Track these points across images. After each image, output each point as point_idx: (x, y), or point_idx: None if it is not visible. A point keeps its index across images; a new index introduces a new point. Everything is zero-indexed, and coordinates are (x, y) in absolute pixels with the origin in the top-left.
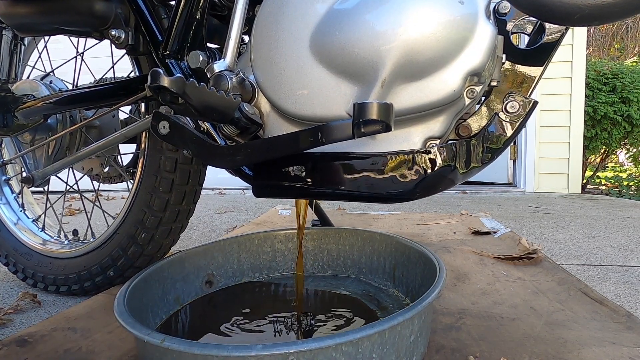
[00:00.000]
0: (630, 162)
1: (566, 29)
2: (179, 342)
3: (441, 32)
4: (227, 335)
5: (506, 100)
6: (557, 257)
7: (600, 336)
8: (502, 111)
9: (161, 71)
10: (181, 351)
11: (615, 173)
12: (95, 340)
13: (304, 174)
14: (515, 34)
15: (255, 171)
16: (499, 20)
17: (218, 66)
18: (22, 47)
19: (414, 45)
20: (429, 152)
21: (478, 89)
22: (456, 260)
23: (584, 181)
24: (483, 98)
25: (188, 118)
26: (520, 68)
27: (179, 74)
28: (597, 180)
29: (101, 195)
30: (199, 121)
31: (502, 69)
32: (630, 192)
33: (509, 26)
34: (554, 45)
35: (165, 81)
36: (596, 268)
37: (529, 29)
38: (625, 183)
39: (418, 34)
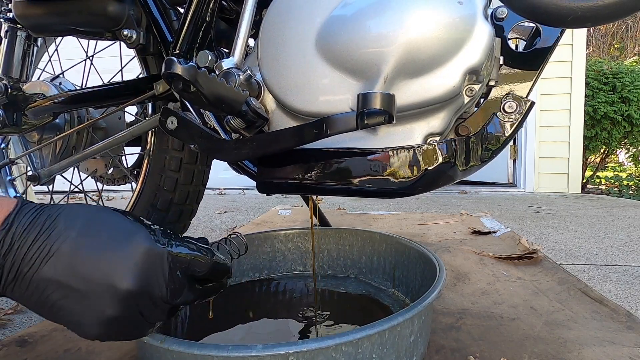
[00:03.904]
0: (630, 162)
1: (561, 34)
2: (178, 343)
3: (441, 31)
4: (227, 335)
5: (504, 100)
6: (557, 257)
7: (600, 336)
8: (500, 111)
9: (175, 59)
10: (181, 351)
11: (615, 173)
12: (95, 341)
13: (307, 169)
14: (513, 39)
15: (259, 167)
16: (496, 25)
17: (226, 64)
18: (35, 48)
19: (415, 43)
20: (430, 148)
21: (477, 87)
22: (456, 260)
23: (584, 181)
24: (482, 99)
25: (195, 114)
26: (518, 70)
27: (191, 63)
28: (597, 180)
29: (102, 196)
30: (205, 118)
31: (499, 71)
32: (630, 192)
33: (506, 31)
34: (549, 49)
35: (179, 69)
36: (596, 268)
37: (526, 34)
38: (625, 183)
39: (419, 33)
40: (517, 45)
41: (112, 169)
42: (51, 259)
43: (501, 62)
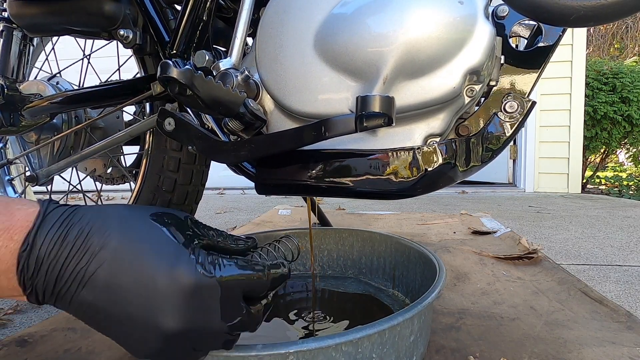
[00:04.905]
0: (630, 162)
1: (563, 33)
2: None
3: (441, 31)
4: None
5: (505, 100)
6: (557, 257)
7: (600, 336)
8: (501, 111)
9: (171, 63)
10: None
11: (615, 173)
12: (95, 341)
13: (306, 170)
14: (514, 37)
15: (258, 168)
16: (497, 23)
17: (224, 64)
18: (31, 48)
19: (415, 43)
20: (430, 149)
21: (477, 87)
22: (456, 260)
23: (584, 181)
24: (482, 99)
25: (193, 115)
26: (519, 70)
27: (188, 66)
28: (597, 180)
29: (101, 196)
30: (203, 119)
31: (500, 70)
32: (630, 192)
33: (507, 29)
34: (550, 48)
35: (175, 72)
36: (596, 268)
37: (527, 32)
38: (625, 183)
39: (419, 33)
40: (517, 44)
41: (110, 169)
42: (88, 283)
43: (502, 61)
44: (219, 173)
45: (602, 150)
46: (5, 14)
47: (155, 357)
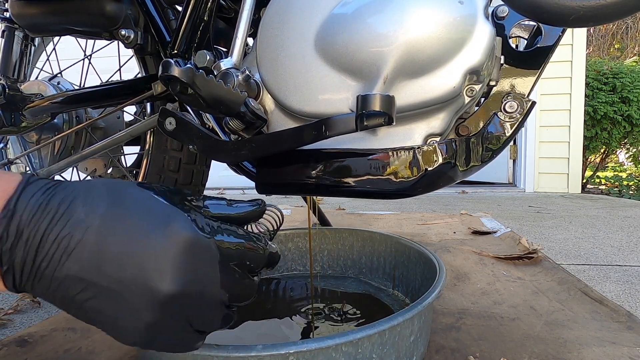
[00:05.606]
0: (630, 162)
1: (562, 33)
2: None
3: (441, 31)
4: (227, 335)
5: (505, 100)
6: (557, 257)
7: (600, 336)
8: (501, 111)
9: (172, 61)
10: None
11: (615, 173)
12: (95, 341)
13: (306, 170)
14: (513, 38)
15: (259, 168)
16: (497, 23)
17: (224, 64)
18: (32, 48)
19: (415, 43)
20: (430, 149)
21: (477, 87)
22: (456, 260)
23: (584, 181)
24: (482, 99)
25: (194, 115)
26: (518, 70)
27: (189, 65)
28: (597, 180)
29: None
30: (203, 119)
31: (500, 70)
32: (630, 192)
33: (507, 30)
34: (550, 49)
35: (176, 71)
36: (596, 268)
37: (527, 33)
38: (625, 183)
39: (419, 33)
40: (517, 45)
41: (111, 169)
42: (74, 252)
43: (502, 61)
44: (219, 173)
45: (602, 150)
46: (7, 14)
47: (146, 338)
